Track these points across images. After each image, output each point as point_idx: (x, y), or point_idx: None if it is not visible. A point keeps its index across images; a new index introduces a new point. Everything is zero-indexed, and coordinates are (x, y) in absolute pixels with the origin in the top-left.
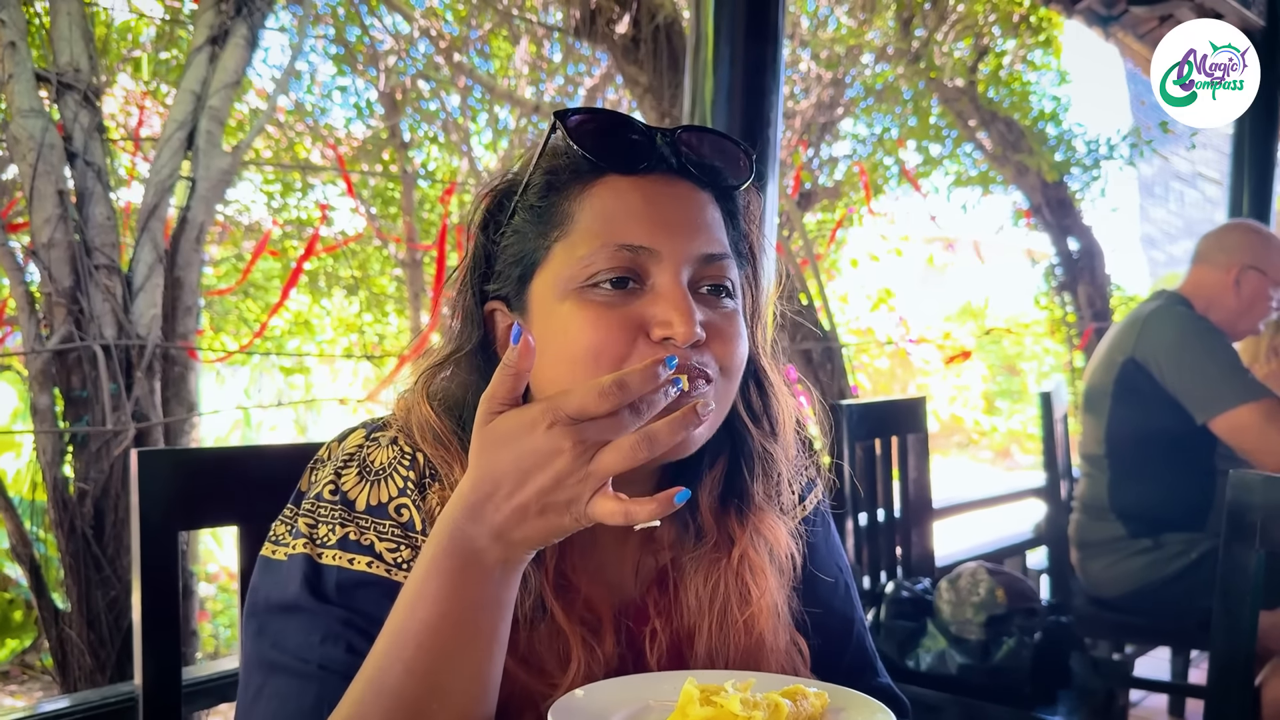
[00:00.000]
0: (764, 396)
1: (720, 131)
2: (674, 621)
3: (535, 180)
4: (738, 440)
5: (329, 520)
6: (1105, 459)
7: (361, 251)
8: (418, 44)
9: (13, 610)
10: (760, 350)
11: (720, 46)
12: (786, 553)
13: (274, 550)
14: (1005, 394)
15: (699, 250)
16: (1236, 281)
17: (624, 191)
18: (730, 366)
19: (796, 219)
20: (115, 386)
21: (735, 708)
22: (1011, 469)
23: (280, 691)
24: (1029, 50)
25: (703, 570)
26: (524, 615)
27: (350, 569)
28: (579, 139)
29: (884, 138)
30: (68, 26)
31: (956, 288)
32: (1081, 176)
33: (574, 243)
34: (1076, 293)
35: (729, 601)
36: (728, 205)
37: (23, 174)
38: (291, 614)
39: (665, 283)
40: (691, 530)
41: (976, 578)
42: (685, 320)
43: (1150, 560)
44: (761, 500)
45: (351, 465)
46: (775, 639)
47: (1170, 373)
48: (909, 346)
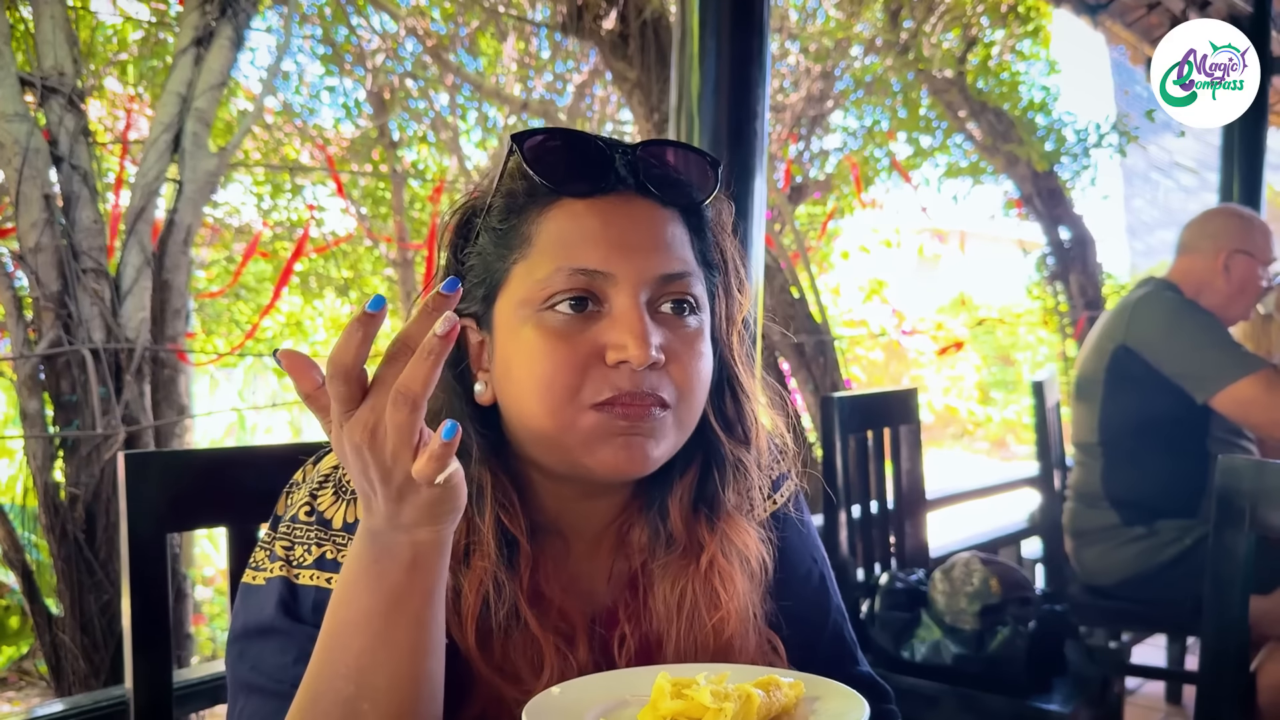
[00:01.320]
0: (737, 405)
1: (685, 144)
2: (643, 626)
3: (496, 203)
4: (710, 449)
5: (304, 540)
6: (1099, 447)
7: (353, 252)
8: (405, 43)
9: (8, 617)
10: (735, 358)
11: (706, 40)
12: (758, 558)
13: (254, 576)
14: (999, 384)
15: (656, 271)
16: (1225, 267)
17: (580, 214)
18: (688, 390)
19: (787, 213)
20: (105, 390)
21: (706, 699)
22: (1007, 459)
23: (258, 711)
24: (1017, 40)
25: (670, 576)
26: (498, 625)
27: (327, 588)
28: (534, 163)
29: (874, 130)
30: (51, 30)
31: (949, 279)
32: (1071, 166)
33: (532, 266)
34: (1068, 282)
35: (697, 607)
36: (693, 220)
37: (8, 178)
38: (268, 636)
39: (621, 306)
40: (662, 537)
41: (970, 568)
42: (640, 344)
43: (1144, 547)
44: (732, 507)
45: (327, 485)
46: (745, 642)
47: (1165, 356)
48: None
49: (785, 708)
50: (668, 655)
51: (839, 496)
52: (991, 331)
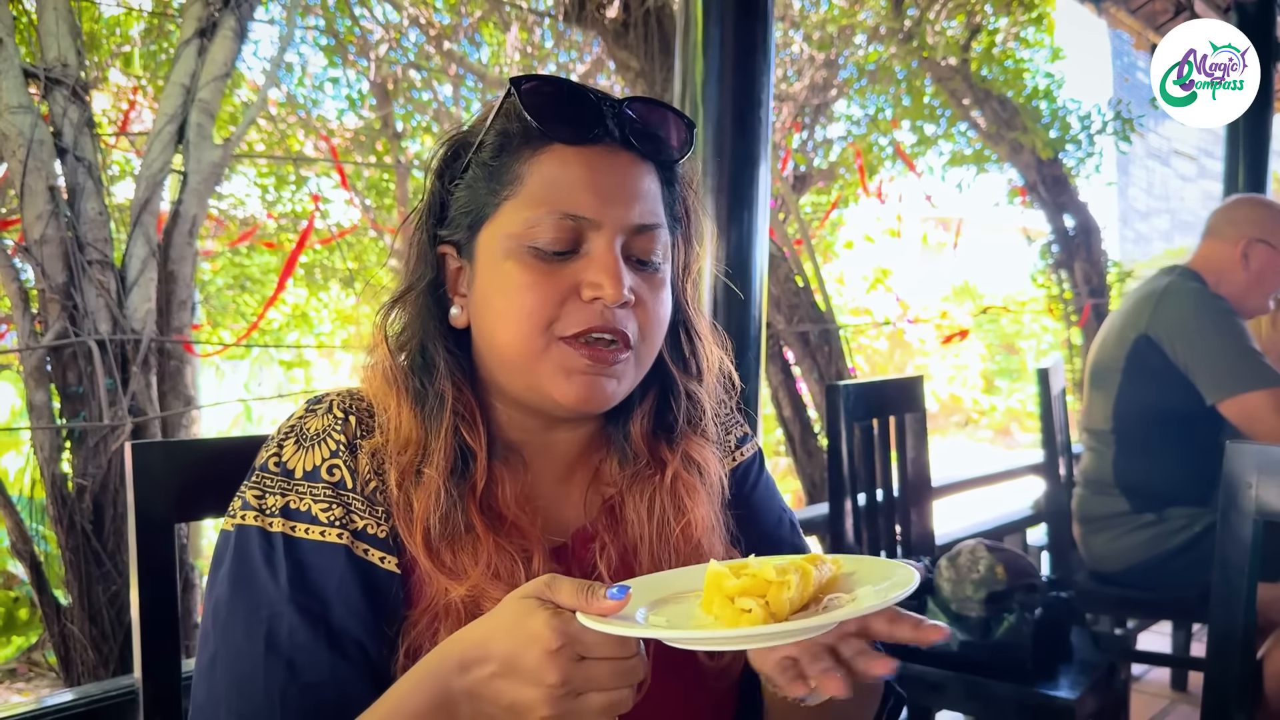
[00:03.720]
0: (690, 344)
1: (664, 103)
2: (620, 538)
3: (489, 139)
4: (666, 381)
5: (273, 490)
6: (1111, 434)
7: (357, 243)
8: (408, 33)
9: (17, 608)
10: (688, 302)
11: (710, 28)
12: (716, 474)
13: (229, 521)
14: (1004, 373)
15: (634, 220)
16: (1244, 255)
17: (570, 161)
18: (650, 331)
19: (791, 202)
20: (111, 381)
21: (770, 574)
22: (1012, 447)
23: (230, 662)
24: (1021, 27)
25: (637, 489)
26: (446, 528)
27: (293, 536)
28: (531, 108)
29: (878, 118)
30: (55, 22)
31: (953, 267)
32: (1075, 153)
33: (521, 204)
34: (1073, 269)
35: (666, 514)
36: (666, 174)
37: (13, 170)
38: (242, 585)
39: (599, 248)
40: (630, 459)
41: (976, 555)
42: (614, 283)
43: (1153, 534)
44: (687, 430)
45: (290, 436)
46: (712, 549)
47: (1183, 350)
48: (906, 326)
49: (831, 582)
50: (643, 562)
51: (844, 484)
52: (996, 320)
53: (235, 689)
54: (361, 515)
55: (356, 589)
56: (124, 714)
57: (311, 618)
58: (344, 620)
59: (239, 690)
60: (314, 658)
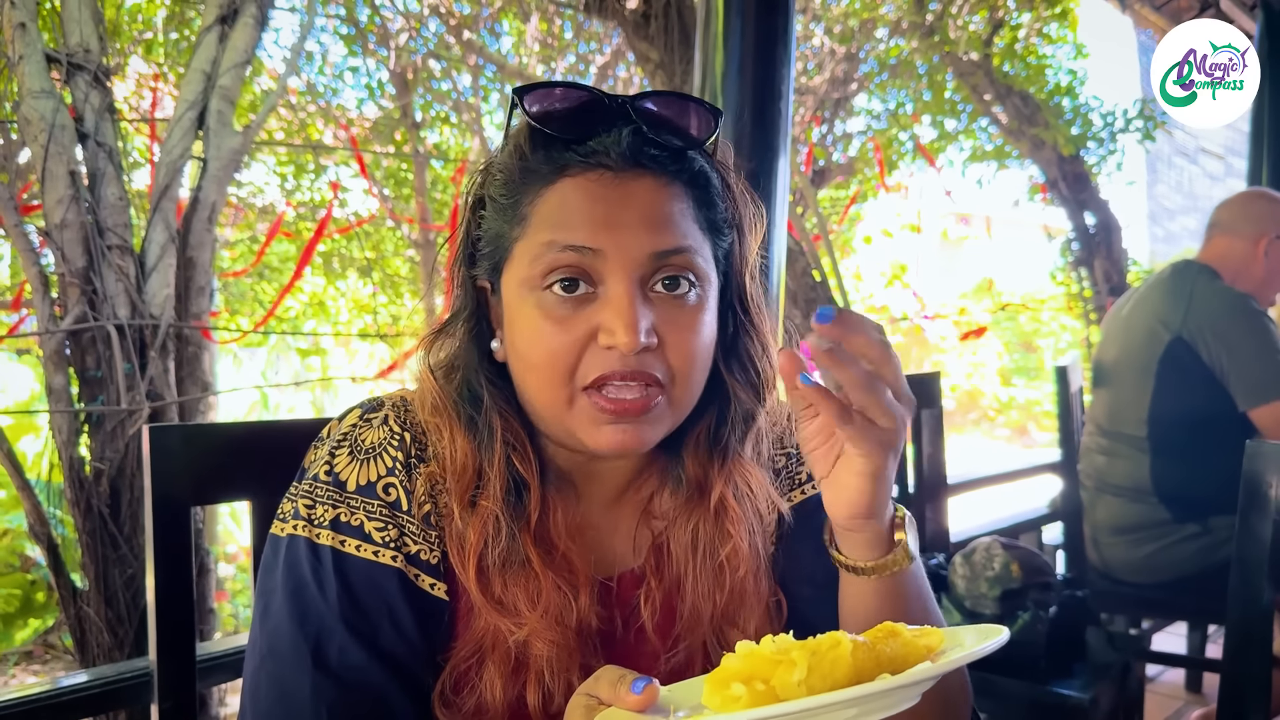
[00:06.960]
0: (751, 358)
1: (684, 95)
2: (665, 579)
3: (496, 175)
4: (724, 401)
5: (324, 501)
6: (1146, 440)
7: (375, 233)
8: (428, 23)
9: (34, 591)
10: (752, 303)
11: (730, 20)
12: (766, 500)
13: (280, 527)
14: (1022, 370)
15: (649, 248)
16: (1265, 253)
17: (572, 192)
18: (683, 372)
19: (810, 196)
20: (129, 366)
21: (768, 652)
22: (1029, 446)
23: (278, 676)
24: (1044, 23)
25: (683, 518)
26: (498, 561)
27: (342, 551)
28: (536, 123)
29: (898, 113)
30: (77, 7)
31: (972, 264)
32: (1098, 150)
33: (528, 244)
34: (1093, 268)
35: (711, 543)
36: (696, 180)
37: (35, 155)
38: (291, 598)
39: (612, 287)
40: (682, 485)
41: (991, 552)
42: (628, 331)
43: (1200, 545)
44: (739, 450)
45: (344, 445)
46: (757, 584)
47: (1218, 353)
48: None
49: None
50: (686, 597)
51: None
52: (1014, 317)
53: (280, 702)
54: (415, 540)
55: (408, 613)
56: (138, 696)
57: (362, 638)
58: (393, 644)
59: (284, 705)
60: (363, 677)
